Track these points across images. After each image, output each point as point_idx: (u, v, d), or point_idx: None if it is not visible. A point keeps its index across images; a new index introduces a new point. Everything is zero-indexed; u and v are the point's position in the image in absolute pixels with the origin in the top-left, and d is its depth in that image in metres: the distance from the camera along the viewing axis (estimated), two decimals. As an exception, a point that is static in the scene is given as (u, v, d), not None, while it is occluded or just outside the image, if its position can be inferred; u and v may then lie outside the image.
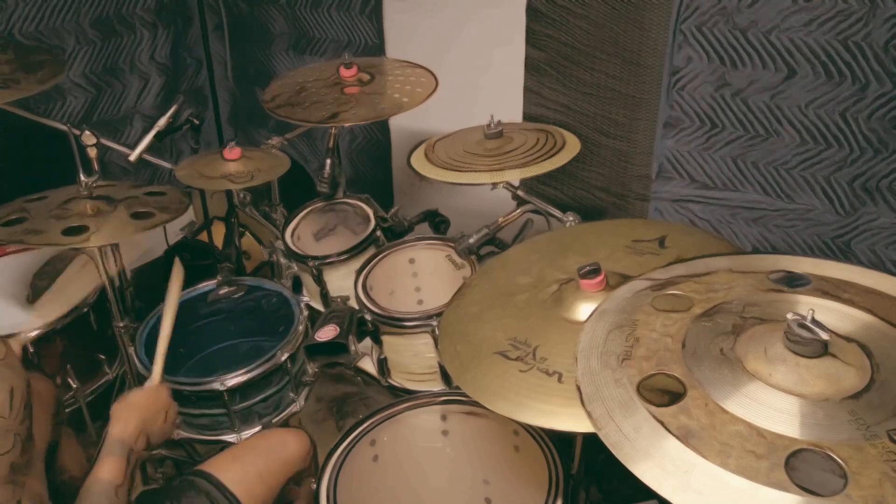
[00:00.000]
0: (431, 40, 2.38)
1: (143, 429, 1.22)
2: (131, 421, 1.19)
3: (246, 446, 1.44)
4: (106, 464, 1.11)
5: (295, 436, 1.46)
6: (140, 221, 1.59)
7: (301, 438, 1.45)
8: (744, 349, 0.84)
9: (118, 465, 1.11)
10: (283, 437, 1.45)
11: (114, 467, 1.11)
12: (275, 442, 1.43)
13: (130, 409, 1.22)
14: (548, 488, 1.22)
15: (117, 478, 1.10)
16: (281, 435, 1.47)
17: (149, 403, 1.26)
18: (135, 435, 1.18)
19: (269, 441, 1.44)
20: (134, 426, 1.19)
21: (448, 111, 1.96)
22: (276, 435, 1.48)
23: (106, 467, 1.11)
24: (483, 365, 1.04)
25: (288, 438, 1.44)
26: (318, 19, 2.67)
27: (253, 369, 1.59)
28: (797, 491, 0.68)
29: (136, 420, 1.20)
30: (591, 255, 1.15)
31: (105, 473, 1.10)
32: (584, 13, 2.01)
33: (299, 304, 1.78)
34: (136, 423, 1.20)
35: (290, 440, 1.44)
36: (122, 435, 1.17)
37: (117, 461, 1.12)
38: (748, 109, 1.86)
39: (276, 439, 1.45)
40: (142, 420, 1.21)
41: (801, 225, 1.91)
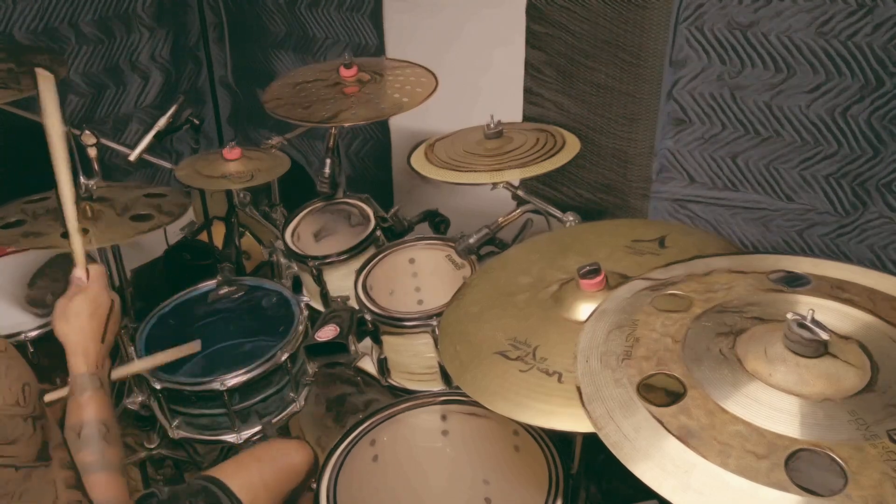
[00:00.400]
0: (431, 40, 2.38)
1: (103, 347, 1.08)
2: (89, 346, 1.06)
3: (250, 455, 1.43)
4: (87, 403, 1.02)
5: (298, 446, 1.46)
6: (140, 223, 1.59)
7: (304, 449, 1.45)
8: (744, 349, 0.84)
9: (99, 400, 1.03)
10: (287, 448, 1.45)
11: (96, 404, 1.02)
12: (279, 452, 1.43)
13: (79, 332, 1.07)
14: (548, 488, 1.22)
15: (104, 414, 1.02)
16: (285, 445, 1.47)
17: (94, 311, 1.09)
18: (99, 360, 1.06)
19: (273, 451, 1.44)
20: (94, 350, 1.06)
21: (448, 111, 1.96)
22: (280, 445, 1.48)
23: (88, 407, 1.02)
24: (483, 365, 1.04)
25: (291, 449, 1.45)
26: (318, 19, 2.67)
27: (253, 369, 1.59)
28: (797, 491, 0.68)
29: (93, 342, 1.07)
30: (591, 255, 1.15)
31: (90, 413, 1.01)
32: (584, 13, 2.01)
33: (299, 304, 1.78)
34: (94, 345, 1.07)
35: (294, 451, 1.44)
36: (87, 366, 1.05)
37: (96, 395, 1.03)
38: (748, 109, 1.86)
39: (280, 449, 1.45)
40: (97, 338, 1.07)
41: (801, 225, 1.91)
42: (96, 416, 1.02)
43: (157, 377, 1.59)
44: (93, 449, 1.00)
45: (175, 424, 1.66)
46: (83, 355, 1.07)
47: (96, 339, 1.08)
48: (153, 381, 1.59)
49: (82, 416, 1.02)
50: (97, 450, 1.00)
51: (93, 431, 1.01)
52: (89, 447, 1.00)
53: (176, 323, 1.78)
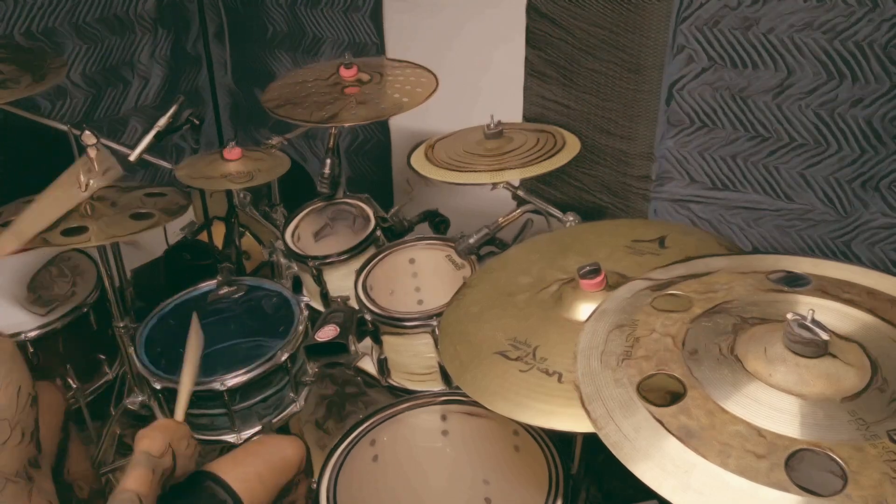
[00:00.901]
0: (431, 40, 2.38)
1: (170, 446, 1.23)
2: (157, 438, 1.21)
3: (245, 451, 1.46)
4: (132, 475, 1.13)
5: (291, 442, 1.49)
6: (140, 222, 1.59)
7: (296, 444, 1.48)
8: (744, 349, 0.84)
9: (144, 476, 1.13)
10: (281, 443, 1.48)
11: (139, 477, 1.12)
12: (272, 447, 1.46)
13: (156, 429, 1.24)
14: (548, 488, 1.22)
15: (142, 487, 1.11)
16: (278, 440, 1.50)
17: (173, 427, 1.27)
18: (161, 449, 1.19)
19: (266, 446, 1.47)
20: (160, 442, 1.20)
21: (448, 111, 1.96)
22: (274, 440, 1.51)
23: (132, 478, 1.12)
24: (483, 365, 1.04)
25: (284, 444, 1.48)
26: (318, 19, 2.67)
27: (253, 369, 1.59)
28: (797, 491, 0.68)
29: (162, 437, 1.21)
30: (591, 255, 1.15)
31: (131, 483, 1.11)
32: (584, 13, 2.01)
33: (299, 304, 1.78)
34: (162, 439, 1.21)
35: (287, 445, 1.47)
36: (148, 448, 1.18)
37: (143, 472, 1.14)
38: (748, 109, 1.86)
39: (273, 444, 1.48)
40: (167, 438, 1.22)
41: (801, 225, 1.91)
42: (135, 488, 1.11)
43: (157, 377, 1.59)
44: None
45: (175, 424, 1.66)
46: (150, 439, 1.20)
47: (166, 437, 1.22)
48: (153, 381, 1.59)
49: (127, 483, 1.12)
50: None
51: (128, 497, 1.10)
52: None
53: (176, 323, 1.78)
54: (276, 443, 1.48)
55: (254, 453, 1.43)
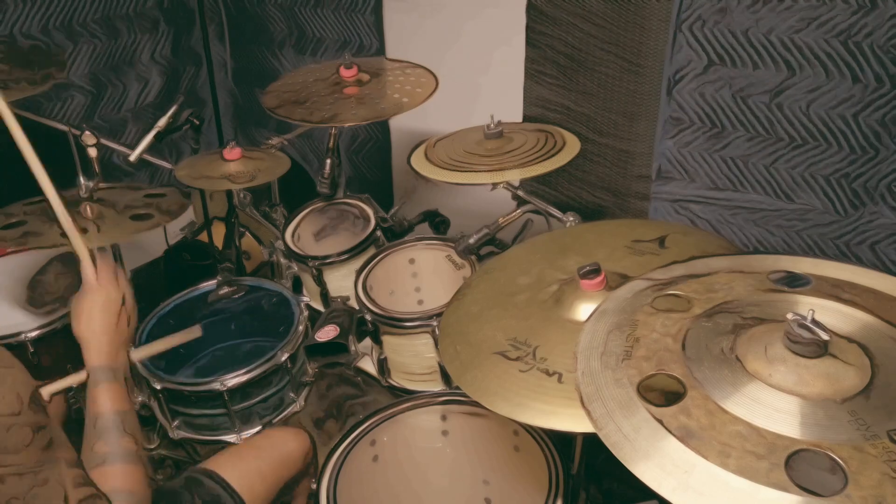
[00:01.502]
0: (431, 40, 2.38)
1: (116, 340, 1.10)
2: (102, 340, 1.08)
3: (247, 445, 1.45)
4: (101, 395, 1.04)
5: (295, 435, 1.47)
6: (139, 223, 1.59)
7: (301, 437, 1.46)
8: (744, 349, 0.84)
9: (114, 391, 1.04)
10: (284, 436, 1.46)
11: (110, 395, 1.04)
12: (276, 441, 1.44)
13: (90, 327, 1.10)
14: (548, 488, 1.22)
15: (119, 404, 1.04)
16: (281, 434, 1.48)
17: (105, 307, 1.11)
18: (112, 353, 1.08)
19: (270, 440, 1.45)
20: (107, 343, 1.08)
21: (448, 111, 1.96)
22: (277, 434, 1.49)
23: (102, 398, 1.03)
24: (483, 365, 1.04)
25: (288, 437, 1.46)
26: (318, 19, 2.67)
27: (253, 369, 1.59)
28: (797, 491, 0.68)
29: (105, 336, 1.09)
30: (591, 255, 1.15)
31: (105, 405, 1.03)
32: (584, 13, 2.01)
33: (299, 304, 1.78)
34: (107, 339, 1.09)
35: (291, 439, 1.45)
36: (99, 359, 1.07)
37: (110, 387, 1.05)
38: (748, 109, 1.86)
39: (276, 438, 1.45)
40: (109, 332, 1.09)
41: (801, 225, 1.91)
42: (112, 407, 1.03)
43: (157, 377, 1.59)
44: (108, 440, 1.01)
45: (175, 425, 1.66)
46: (96, 349, 1.09)
47: (108, 333, 1.10)
48: (153, 381, 1.59)
49: (97, 407, 1.04)
50: (112, 440, 1.01)
51: (107, 422, 1.02)
52: (104, 438, 1.02)
53: (176, 323, 1.78)
54: (280, 436, 1.46)
55: (256, 448, 1.41)
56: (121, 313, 1.13)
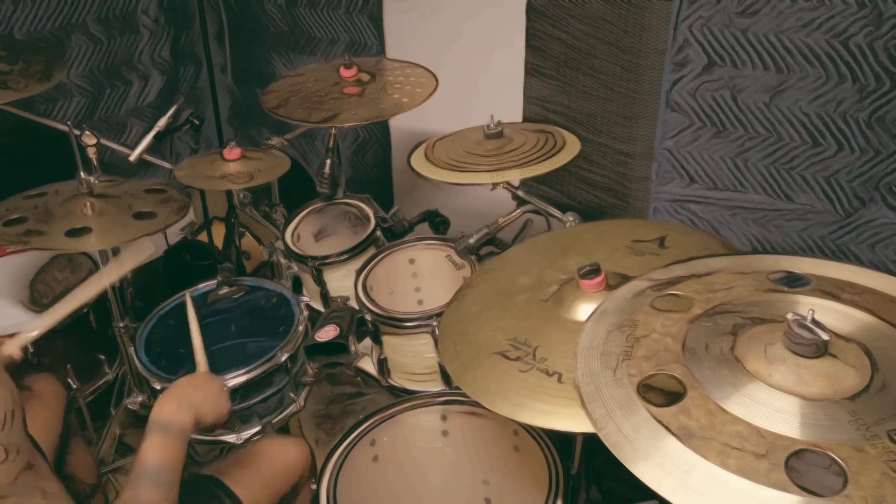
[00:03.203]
0: (431, 40, 2.38)
1: (186, 405, 1.19)
2: (170, 400, 1.18)
3: (249, 453, 1.44)
4: (145, 447, 1.08)
5: (295, 443, 1.48)
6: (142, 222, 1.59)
7: (301, 446, 1.47)
8: (744, 349, 0.84)
9: (158, 444, 1.09)
10: (284, 445, 1.47)
11: (154, 448, 1.08)
12: (276, 449, 1.45)
13: (170, 392, 1.21)
14: (548, 488, 1.22)
15: (161, 456, 1.07)
16: (282, 443, 1.49)
17: (191, 384, 1.25)
18: (175, 411, 1.15)
19: (270, 448, 1.46)
20: (174, 404, 1.17)
21: (448, 111, 1.96)
22: (278, 443, 1.50)
23: (146, 450, 1.08)
24: (483, 365, 1.04)
25: (289, 446, 1.47)
26: (318, 19, 2.67)
27: (253, 369, 1.59)
28: (797, 491, 0.68)
29: (176, 399, 1.18)
30: (591, 255, 1.15)
31: (146, 454, 1.07)
32: (584, 13, 2.01)
33: (299, 304, 1.78)
34: (176, 401, 1.18)
35: (291, 447, 1.46)
36: (159, 413, 1.14)
37: (156, 441, 1.09)
38: (748, 109, 1.86)
39: (277, 447, 1.46)
40: (182, 397, 1.19)
41: (801, 225, 1.91)
42: (156, 459, 1.07)
43: (157, 377, 1.59)
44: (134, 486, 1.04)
45: (175, 424, 1.66)
46: (160, 403, 1.17)
47: (180, 397, 1.21)
48: (153, 381, 1.59)
49: (140, 454, 1.08)
50: (137, 488, 1.04)
51: (143, 470, 1.06)
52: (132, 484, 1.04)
53: (176, 323, 1.78)
54: (280, 445, 1.47)
55: (257, 456, 1.42)
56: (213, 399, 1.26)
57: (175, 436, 1.12)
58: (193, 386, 1.25)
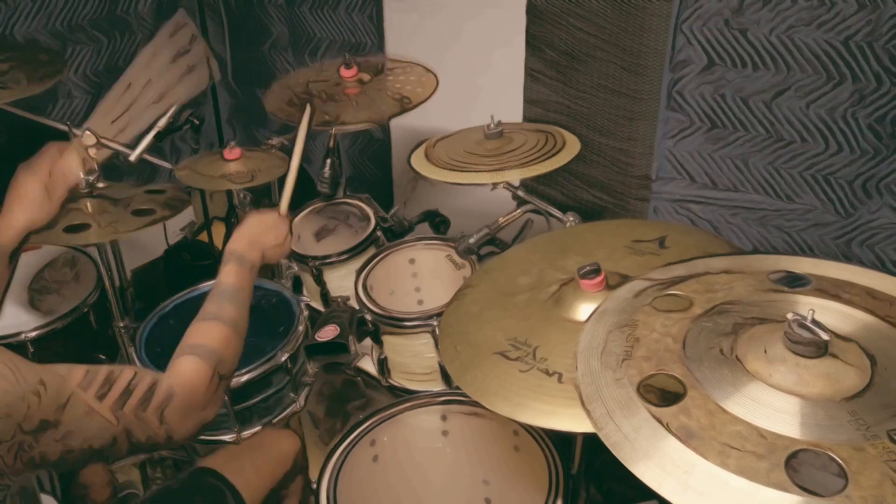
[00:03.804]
0: (431, 40, 2.38)
1: (257, 244, 1.25)
2: (244, 236, 1.24)
3: (243, 445, 1.49)
4: (224, 272, 1.17)
5: (286, 435, 1.52)
6: (141, 218, 1.59)
7: (292, 437, 1.51)
8: (744, 349, 0.84)
9: (235, 270, 1.17)
10: (276, 436, 1.51)
11: (231, 273, 1.17)
12: (268, 440, 1.50)
13: (243, 228, 1.27)
14: (548, 488, 1.22)
15: (237, 281, 1.16)
16: (273, 434, 1.53)
17: (263, 223, 1.29)
18: (246, 248, 1.22)
19: (262, 439, 1.51)
20: (246, 241, 1.24)
21: (448, 111, 1.96)
22: (269, 434, 1.54)
23: (224, 274, 1.17)
24: (483, 365, 1.04)
25: (281, 437, 1.51)
26: (318, 19, 2.67)
27: (253, 369, 1.59)
28: (797, 491, 0.68)
29: (248, 237, 1.25)
30: (591, 255, 1.15)
31: (225, 278, 1.16)
32: (584, 13, 2.01)
33: (299, 304, 1.78)
34: (248, 239, 1.24)
35: (283, 438, 1.50)
36: (233, 247, 1.22)
37: (233, 268, 1.18)
38: (748, 109, 1.86)
39: (269, 438, 1.51)
40: (253, 237, 1.25)
41: (801, 225, 1.91)
42: (230, 280, 1.16)
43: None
44: (217, 301, 1.13)
45: (175, 424, 1.66)
46: (234, 239, 1.24)
47: (250, 234, 1.25)
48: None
49: (219, 279, 1.17)
50: (219, 303, 1.12)
51: (222, 290, 1.15)
52: (214, 301, 1.13)
53: (176, 323, 1.78)
54: (272, 436, 1.51)
55: (250, 447, 1.47)
56: (278, 239, 1.29)
57: (247, 269, 1.20)
58: (265, 226, 1.28)
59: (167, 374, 0.98)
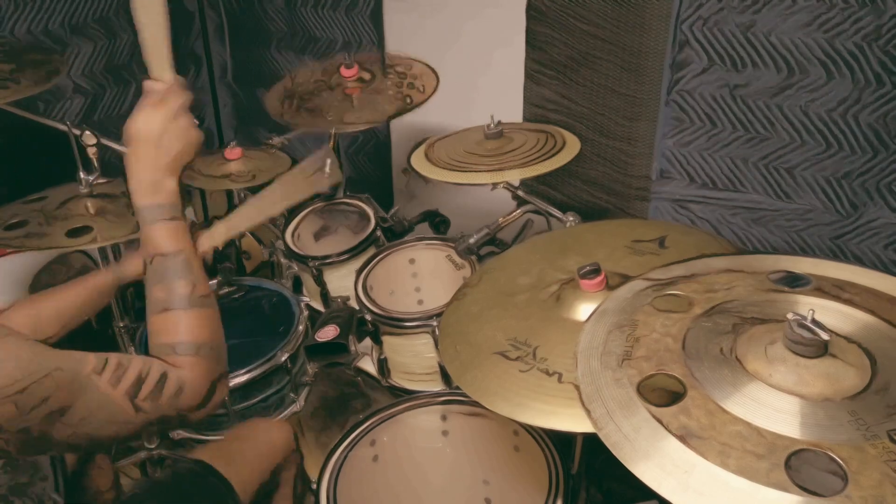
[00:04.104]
0: (431, 40, 2.38)
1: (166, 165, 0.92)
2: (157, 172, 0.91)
3: (234, 437, 1.48)
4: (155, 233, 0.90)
5: (278, 426, 1.50)
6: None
7: (284, 427, 1.49)
8: (744, 349, 0.84)
9: (169, 229, 0.90)
10: (268, 426, 1.49)
11: (168, 234, 0.90)
12: (259, 431, 1.48)
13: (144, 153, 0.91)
14: (548, 488, 1.22)
15: (180, 244, 0.91)
16: (265, 425, 1.51)
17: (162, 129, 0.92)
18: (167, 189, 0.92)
19: (253, 430, 1.48)
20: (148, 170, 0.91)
21: (448, 111, 1.96)
22: (260, 425, 1.52)
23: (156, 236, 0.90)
24: (483, 365, 1.04)
25: (272, 427, 1.49)
26: (318, 19, 2.67)
27: (253, 369, 1.59)
28: (797, 491, 0.68)
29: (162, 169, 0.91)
30: (591, 255, 1.15)
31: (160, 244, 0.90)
32: (584, 13, 2.01)
33: (299, 304, 1.78)
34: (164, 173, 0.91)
35: (275, 430, 1.48)
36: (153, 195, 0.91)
37: (165, 225, 0.90)
38: (748, 109, 1.86)
39: (259, 428, 1.49)
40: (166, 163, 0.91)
41: (801, 225, 1.91)
42: (169, 246, 0.90)
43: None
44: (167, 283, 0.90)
45: (175, 424, 1.66)
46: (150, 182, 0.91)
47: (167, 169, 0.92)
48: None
49: (153, 248, 0.90)
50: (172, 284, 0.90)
51: (165, 263, 0.89)
52: (163, 281, 0.90)
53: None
54: (263, 427, 1.50)
55: (240, 438, 1.45)
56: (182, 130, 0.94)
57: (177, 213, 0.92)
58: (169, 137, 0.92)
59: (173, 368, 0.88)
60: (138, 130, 0.92)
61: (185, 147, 0.94)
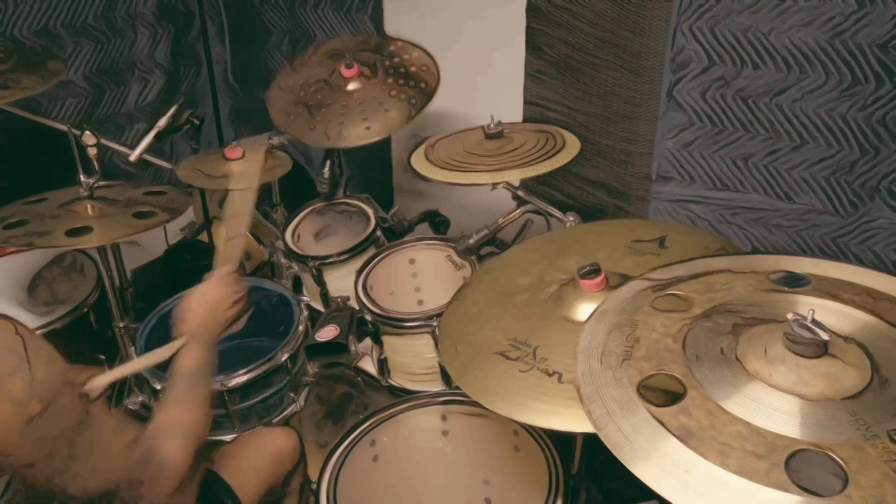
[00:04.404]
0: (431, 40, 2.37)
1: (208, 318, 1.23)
2: (195, 314, 1.23)
3: (240, 444, 1.47)
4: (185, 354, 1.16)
5: (285, 433, 1.50)
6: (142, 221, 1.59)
7: (291, 436, 1.49)
8: (744, 349, 0.84)
9: (196, 351, 1.17)
10: (275, 435, 1.49)
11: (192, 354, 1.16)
12: (266, 439, 1.47)
13: (191, 304, 1.25)
14: (548, 488, 1.22)
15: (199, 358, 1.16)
16: (271, 433, 1.51)
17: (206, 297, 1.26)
18: (200, 325, 1.21)
19: (260, 438, 1.48)
20: (199, 318, 1.22)
21: (448, 111, 1.96)
22: (267, 433, 1.52)
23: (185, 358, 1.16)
24: (483, 365, 1.04)
25: (279, 436, 1.49)
26: (318, 19, 2.67)
27: (253, 369, 1.59)
28: (797, 491, 0.68)
29: (199, 313, 1.23)
30: (591, 255, 1.15)
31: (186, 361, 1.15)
32: (584, 13, 2.01)
33: (299, 304, 1.78)
34: (199, 315, 1.23)
35: (282, 437, 1.48)
36: (190, 328, 1.21)
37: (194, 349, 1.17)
38: (748, 109, 1.86)
39: (267, 437, 1.49)
40: (203, 311, 1.23)
41: (801, 225, 1.91)
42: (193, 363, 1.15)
43: (157, 377, 1.59)
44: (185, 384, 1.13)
45: (175, 424, 1.65)
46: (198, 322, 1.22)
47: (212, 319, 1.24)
48: (154, 381, 1.59)
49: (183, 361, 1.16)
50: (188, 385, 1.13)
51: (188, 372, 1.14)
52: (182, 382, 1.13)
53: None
54: (270, 435, 1.50)
55: (247, 446, 1.45)
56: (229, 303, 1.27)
57: (208, 344, 1.20)
58: (213, 299, 1.26)
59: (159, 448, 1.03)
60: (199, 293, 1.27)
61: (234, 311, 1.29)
